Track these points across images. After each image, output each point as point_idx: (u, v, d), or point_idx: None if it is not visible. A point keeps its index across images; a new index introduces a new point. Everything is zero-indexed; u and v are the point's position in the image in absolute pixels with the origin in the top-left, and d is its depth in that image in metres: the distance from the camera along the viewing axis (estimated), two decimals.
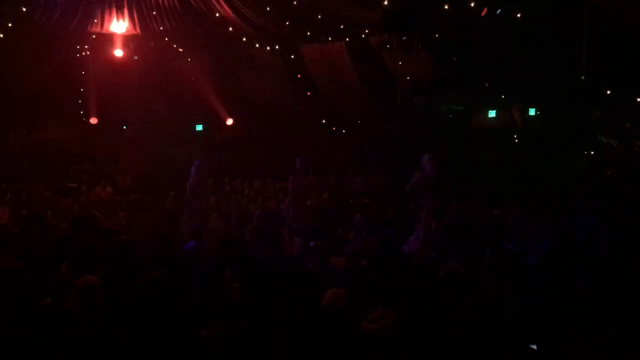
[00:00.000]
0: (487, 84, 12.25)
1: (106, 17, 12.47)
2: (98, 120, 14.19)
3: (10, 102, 12.75)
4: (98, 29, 12.63)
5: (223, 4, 11.78)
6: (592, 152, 12.04)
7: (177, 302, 4.87)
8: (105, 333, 4.45)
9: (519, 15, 10.80)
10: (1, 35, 12.19)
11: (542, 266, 6.31)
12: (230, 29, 12.66)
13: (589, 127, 11.81)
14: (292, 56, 13.05)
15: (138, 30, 12.69)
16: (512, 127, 12.72)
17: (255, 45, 12.99)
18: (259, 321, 4.73)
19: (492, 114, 12.77)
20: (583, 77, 10.31)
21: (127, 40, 12.91)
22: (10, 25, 12.03)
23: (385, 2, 10.91)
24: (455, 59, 11.76)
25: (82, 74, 13.30)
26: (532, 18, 10.59)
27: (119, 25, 12.61)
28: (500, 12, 10.87)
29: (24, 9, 11.76)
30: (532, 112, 12.44)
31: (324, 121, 13.55)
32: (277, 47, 13.03)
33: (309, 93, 13.23)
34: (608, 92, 11.37)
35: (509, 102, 12.56)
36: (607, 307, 4.79)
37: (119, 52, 12.90)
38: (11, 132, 13.75)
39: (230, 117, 14.24)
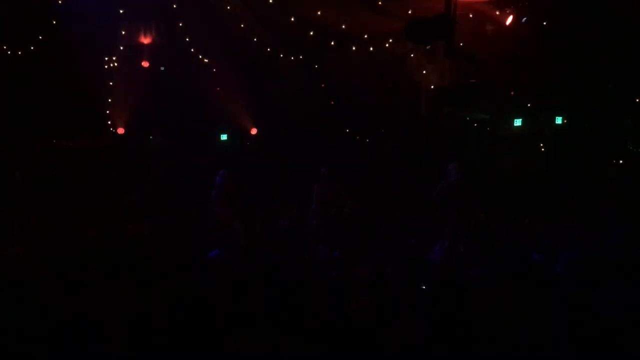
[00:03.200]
0: (512, 92, 12.14)
1: (133, 29, 12.70)
2: (125, 129, 14.38)
3: (39, 112, 12.99)
4: (126, 40, 12.86)
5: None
6: (621, 161, 11.84)
7: (202, 310, 4.90)
8: (131, 339, 4.49)
9: (545, 23, 10.72)
10: (32, 47, 12.45)
11: (571, 276, 6.21)
12: (255, 39, 12.76)
13: (617, 136, 11.62)
14: (316, 66, 13.10)
15: (164, 41, 12.89)
16: (539, 136, 12.56)
17: (279, 55, 13.06)
18: (283, 329, 4.73)
19: (518, 122, 12.63)
20: (612, 85, 10.18)
21: (154, 50, 13.10)
22: (40, 37, 12.29)
23: (409, 12, 10.91)
24: (479, 67, 11.69)
25: (110, 85, 13.51)
26: (559, 25, 10.49)
27: (146, 37, 12.84)
28: (525, 20, 10.80)
29: (55, 22, 12.02)
30: (559, 120, 12.28)
31: (347, 130, 13.54)
32: (300, 57, 13.09)
33: (332, 102, 13.24)
34: (638, 100, 11.20)
35: (535, 111, 12.42)
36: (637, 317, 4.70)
37: (145, 63, 13.13)
38: (40, 141, 13.98)
39: (255, 126, 14.32)
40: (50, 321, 4.71)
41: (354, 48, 12.61)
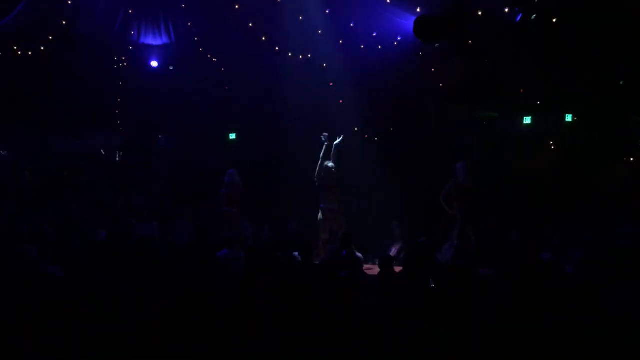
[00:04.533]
0: (522, 90, 12.07)
1: (142, 29, 12.74)
2: (134, 129, 14.44)
3: (50, 112, 13.07)
4: (135, 40, 12.90)
5: None
6: (632, 159, 11.75)
7: (210, 310, 4.92)
8: (140, 339, 4.51)
9: (554, 20, 10.65)
10: (42, 48, 12.52)
11: (581, 276, 6.18)
12: (263, 38, 12.78)
13: (627, 133, 11.53)
14: (324, 64, 13.08)
15: (173, 40, 12.92)
16: (549, 134, 12.49)
17: (288, 54, 13.06)
18: (291, 329, 4.73)
19: (527, 120, 12.56)
20: (622, 82, 10.10)
21: (163, 50, 13.15)
22: (50, 37, 12.35)
23: (418, 10, 10.88)
24: (489, 65, 11.64)
25: (120, 85, 13.55)
26: (569, 22, 10.41)
27: (155, 37, 12.88)
28: (535, 17, 10.73)
29: (64, 22, 12.08)
30: (569, 118, 12.20)
31: (356, 129, 13.51)
32: (309, 55, 13.08)
33: (341, 101, 13.22)
34: None
35: (544, 108, 12.34)
36: None
37: (154, 63, 13.19)
38: (49, 141, 14.07)
39: (263, 125, 14.31)
40: (60, 320, 4.74)
41: (362, 47, 12.59)
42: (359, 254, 8.14)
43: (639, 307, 4.80)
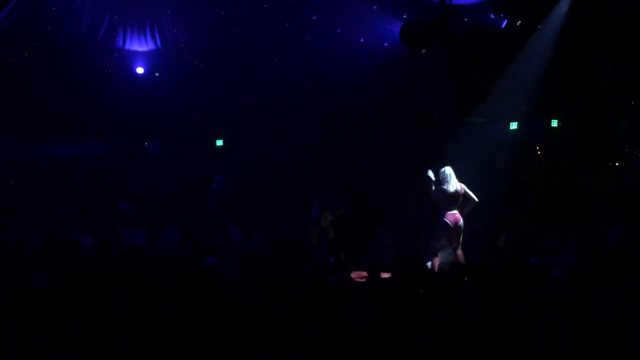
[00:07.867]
0: (508, 95, 12.15)
1: (128, 35, 12.68)
2: (120, 136, 14.34)
3: (35, 119, 12.95)
4: (120, 47, 12.84)
5: None
6: (617, 164, 11.87)
7: (199, 317, 4.89)
8: (128, 349, 4.47)
9: (539, 26, 10.76)
10: (25, 54, 12.41)
11: (569, 280, 6.22)
12: (250, 44, 12.79)
13: (614, 138, 11.64)
14: (312, 70, 13.10)
15: (159, 46, 12.88)
16: (535, 139, 12.57)
17: (275, 60, 13.08)
18: (282, 336, 4.71)
19: (513, 125, 12.63)
20: (607, 87, 10.20)
21: (149, 57, 13.09)
22: (34, 44, 12.26)
23: (404, 16, 10.94)
24: (475, 71, 11.71)
25: (105, 91, 13.44)
26: (553, 25, 10.51)
27: (140, 43, 12.83)
28: (520, 23, 10.83)
29: (48, 29, 11.99)
30: (554, 123, 12.29)
31: (344, 135, 13.52)
32: (296, 61, 13.10)
33: (328, 106, 13.23)
34: (633, 102, 11.22)
35: (530, 114, 12.43)
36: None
37: (140, 70, 13.12)
38: (35, 148, 13.93)
39: (251, 133, 14.27)
40: (47, 330, 4.69)
41: (349, 52, 12.63)
42: (348, 261, 8.14)
43: (628, 311, 4.83)
